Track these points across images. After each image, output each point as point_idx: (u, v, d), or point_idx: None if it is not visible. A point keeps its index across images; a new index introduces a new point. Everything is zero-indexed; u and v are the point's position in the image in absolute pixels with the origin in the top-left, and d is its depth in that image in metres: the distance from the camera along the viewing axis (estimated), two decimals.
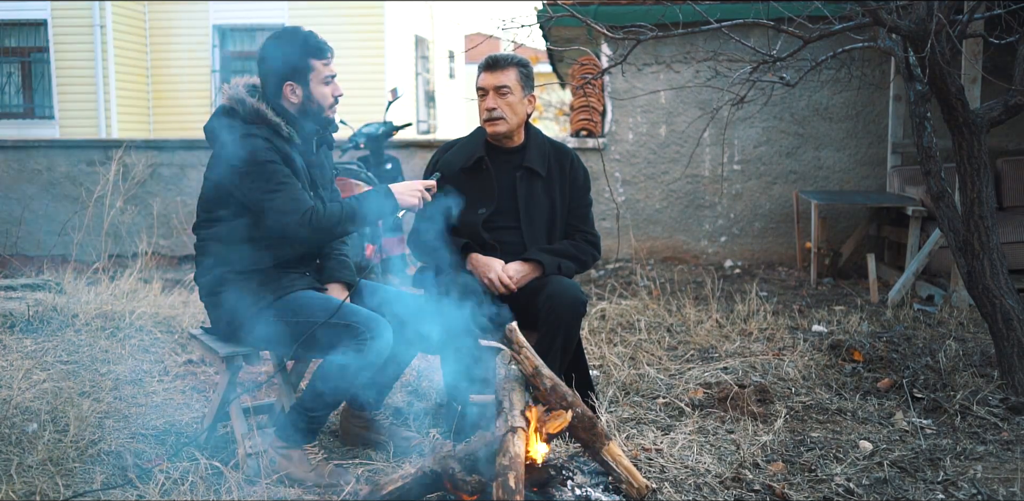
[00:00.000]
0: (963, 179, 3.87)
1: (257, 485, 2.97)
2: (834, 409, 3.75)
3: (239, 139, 3.05)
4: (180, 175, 8.67)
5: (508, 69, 3.55)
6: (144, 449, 3.33)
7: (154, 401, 3.92)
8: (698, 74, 7.65)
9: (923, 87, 3.94)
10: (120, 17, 14.43)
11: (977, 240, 3.84)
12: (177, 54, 15.27)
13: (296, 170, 3.12)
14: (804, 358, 4.37)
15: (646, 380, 4.14)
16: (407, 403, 3.90)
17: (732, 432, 3.48)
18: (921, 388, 3.92)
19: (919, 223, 6.29)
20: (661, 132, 8.10)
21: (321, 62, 3.16)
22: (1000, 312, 3.83)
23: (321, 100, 3.18)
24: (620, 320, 5.36)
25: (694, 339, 4.88)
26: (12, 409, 3.54)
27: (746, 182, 8.02)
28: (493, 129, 3.59)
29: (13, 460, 3.11)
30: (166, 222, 8.30)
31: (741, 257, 8.05)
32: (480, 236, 3.58)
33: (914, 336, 4.77)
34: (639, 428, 3.54)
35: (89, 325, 4.96)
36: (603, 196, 7.57)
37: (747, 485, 2.96)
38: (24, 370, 4.02)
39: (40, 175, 8.83)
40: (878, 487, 2.97)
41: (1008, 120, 3.87)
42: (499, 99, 3.54)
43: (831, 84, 7.77)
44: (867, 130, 7.88)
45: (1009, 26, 4.15)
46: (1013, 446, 3.34)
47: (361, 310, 3.07)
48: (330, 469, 3.08)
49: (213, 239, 3.15)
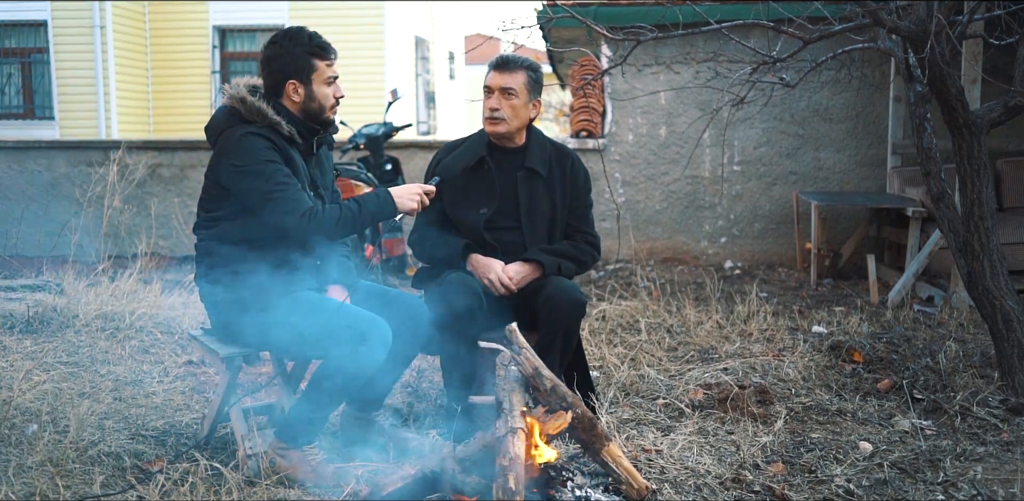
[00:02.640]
0: (963, 180, 3.87)
1: (257, 486, 2.97)
2: (834, 410, 3.74)
3: (240, 138, 3.05)
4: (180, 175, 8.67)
5: (517, 72, 3.55)
6: (144, 450, 3.32)
7: (154, 402, 3.92)
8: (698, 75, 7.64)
9: (923, 88, 3.94)
10: (120, 17, 14.43)
11: (977, 241, 3.84)
12: (177, 54, 15.27)
13: (296, 170, 3.12)
14: (804, 359, 4.37)
15: (646, 381, 4.14)
16: (407, 403, 3.90)
17: (732, 433, 3.48)
18: (921, 389, 3.92)
19: (919, 224, 6.29)
20: (661, 133, 8.10)
21: (324, 62, 3.16)
22: (1000, 313, 3.83)
23: (323, 100, 3.18)
24: (620, 321, 5.36)
25: (694, 340, 4.88)
26: (12, 410, 3.54)
27: (746, 183, 8.02)
28: (492, 129, 3.59)
29: (13, 461, 3.11)
30: (166, 222, 8.30)
31: (741, 258, 8.05)
32: (481, 236, 3.58)
33: (914, 337, 4.77)
34: (639, 429, 3.54)
35: (89, 326, 4.96)
36: (603, 197, 7.57)
37: (747, 486, 2.96)
38: (24, 371, 4.02)
39: (40, 175, 8.83)
40: (878, 488, 2.97)
41: (1008, 121, 3.87)
42: (503, 100, 3.54)
43: (831, 85, 7.77)
44: (867, 131, 7.88)
45: (1009, 27, 4.15)
46: (1013, 447, 3.34)
47: (361, 311, 3.07)
48: (330, 469, 3.08)
49: (213, 239, 3.15)
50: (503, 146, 3.65)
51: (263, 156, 3.03)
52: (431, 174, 3.64)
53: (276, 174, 3.03)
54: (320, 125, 3.23)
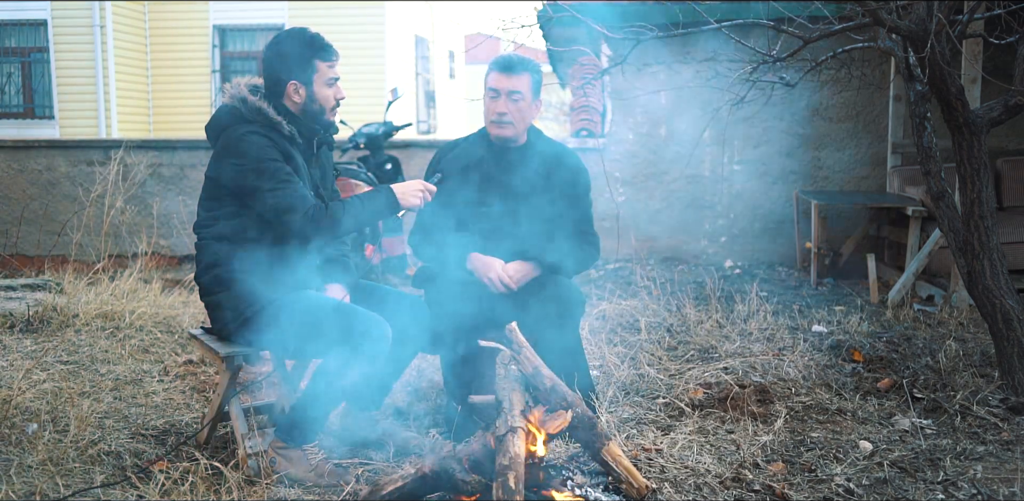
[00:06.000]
0: (963, 179, 3.87)
1: (257, 485, 2.97)
2: (834, 409, 3.75)
3: (241, 137, 3.05)
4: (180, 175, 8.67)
5: (523, 74, 3.55)
6: (144, 449, 3.33)
7: (154, 401, 3.92)
8: (698, 74, 7.63)
9: (923, 87, 3.94)
10: (120, 17, 14.43)
11: (977, 240, 3.84)
12: (177, 54, 15.28)
13: (297, 168, 3.12)
14: (804, 358, 4.37)
15: (646, 380, 4.14)
16: (407, 403, 3.90)
17: (732, 432, 3.48)
18: (921, 388, 3.92)
19: (919, 223, 6.29)
20: (661, 132, 8.10)
21: (326, 64, 3.17)
22: (1000, 312, 3.83)
23: (323, 101, 3.18)
24: (620, 320, 5.36)
25: (694, 339, 4.88)
26: (12, 409, 3.54)
27: (746, 182, 8.02)
28: (499, 132, 3.59)
29: (13, 460, 3.11)
30: (166, 222, 8.29)
31: (741, 257, 8.05)
32: (481, 235, 3.58)
33: (914, 336, 4.78)
34: (639, 428, 3.54)
35: (89, 325, 4.96)
36: (603, 196, 7.56)
37: (747, 485, 2.96)
38: (24, 370, 4.02)
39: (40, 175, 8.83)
40: (878, 487, 2.97)
41: (1008, 120, 3.87)
42: (511, 104, 3.55)
43: (831, 84, 7.76)
44: (867, 130, 7.88)
45: (1009, 26, 4.15)
46: (1013, 446, 3.34)
47: (361, 310, 3.07)
48: (330, 469, 3.08)
49: (213, 238, 3.15)
50: (504, 145, 3.66)
51: (264, 155, 3.03)
52: (432, 173, 3.64)
53: (278, 172, 3.03)
54: (321, 126, 3.23)
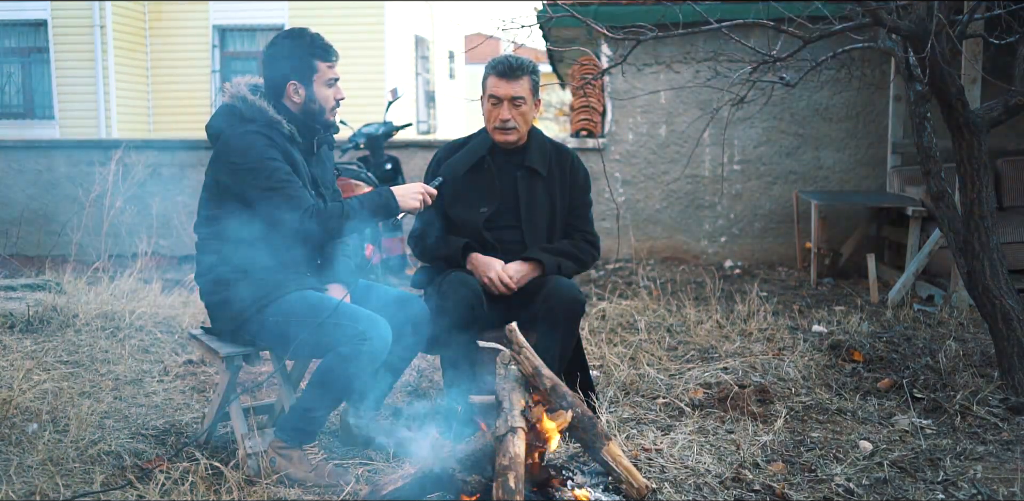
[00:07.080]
0: (963, 179, 3.87)
1: (257, 485, 2.97)
2: (834, 409, 3.75)
3: (241, 137, 3.05)
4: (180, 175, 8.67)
5: (523, 78, 3.54)
6: (144, 449, 3.33)
7: (154, 401, 3.92)
8: (698, 74, 7.64)
9: (923, 87, 3.94)
10: (120, 17, 14.43)
11: (977, 240, 3.84)
12: (177, 54, 15.28)
13: (298, 169, 3.12)
14: (804, 358, 4.37)
15: (646, 380, 4.14)
16: (407, 403, 3.90)
17: (732, 432, 3.48)
18: (921, 388, 3.92)
19: (919, 223, 6.29)
20: (661, 132, 8.10)
21: (326, 64, 3.17)
22: (1000, 312, 3.83)
23: (323, 102, 3.18)
24: (620, 320, 5.36)
25: (694, 339, 4.88)
26: (12, 409, 3.54)
27: (746, 182, 8.02)
28: (504, 138, 3.59)
29: (13, 460, 3.11)
30: (166, 222, 8.29)
31: (741, 257, 8.05)
32: (481, 235, 3.58)
33: (914, 336, 4.77)
34: (639, 428, 3.54)
35: (89, 325, 4.96)
36: (603, 196, 7.57)
37: (747, 485, 2.96)
38: (24, 370, 4.02)
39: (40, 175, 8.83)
40: (878, 487, 2.97)
41: (1008, 120, 3.87)
42: (513, 110, 3.55)
43: (831, 84, 7.77)
44: (867, 130, 7.88)
45: (1009, 26, 4.15)
46: (1013, 446, 3.34)
47: (360, 310, 3.07)
48: (330, 469, 3.08)
49: (213, 238, 3.15)
50: (504, 146, 3.66)
51: (264, 154, 3.03)
52: (432, 174, 3.64)
53: (277, 172, 3.03)
54: (321, 125, 3.23)
